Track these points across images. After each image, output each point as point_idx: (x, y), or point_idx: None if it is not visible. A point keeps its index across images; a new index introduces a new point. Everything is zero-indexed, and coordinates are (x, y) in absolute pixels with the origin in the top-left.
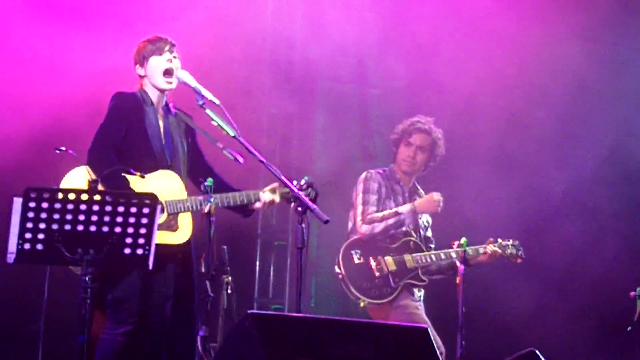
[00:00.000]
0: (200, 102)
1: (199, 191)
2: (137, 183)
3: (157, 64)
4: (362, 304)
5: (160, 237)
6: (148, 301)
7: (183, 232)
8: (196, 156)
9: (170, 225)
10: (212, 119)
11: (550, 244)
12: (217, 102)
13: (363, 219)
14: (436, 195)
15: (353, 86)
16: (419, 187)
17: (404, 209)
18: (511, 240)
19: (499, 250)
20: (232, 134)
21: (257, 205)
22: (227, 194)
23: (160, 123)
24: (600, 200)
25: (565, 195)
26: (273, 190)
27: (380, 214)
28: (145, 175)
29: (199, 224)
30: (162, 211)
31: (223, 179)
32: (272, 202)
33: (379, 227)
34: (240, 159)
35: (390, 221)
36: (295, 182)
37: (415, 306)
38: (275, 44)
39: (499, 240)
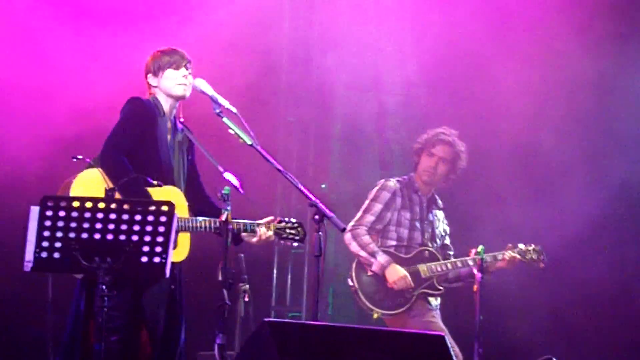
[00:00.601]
0: (218, 111)
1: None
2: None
3: (172, 76)
4: (375, 316)
5: None
6: (143, 310)
7: (181, 251)
8: (193, 175)
9: None
10: (230, 127)
11: (570, 254)
12: (234, 110)
13: (353, 227)
14: (402, 281)
15: (370, 94)
16: (438, 198)
17: (381, 258)
18: (532, 245)
19: (518, 257)
20: (249, 142)
21: (253, 240)
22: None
23: (169, 137)
24: (624, 216)
25: (590, 210)
26: (267, 225)
27: (366, 240)
28: (159, 187)
29: (194, 245)
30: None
31: (214, 204)
32: (267, 237)
33: (353, 247)
34: (236, 182)
35: (363, 254)
36: (286, 219)
37: (432, 315)
38: (292, 52)
39: (520, 245)
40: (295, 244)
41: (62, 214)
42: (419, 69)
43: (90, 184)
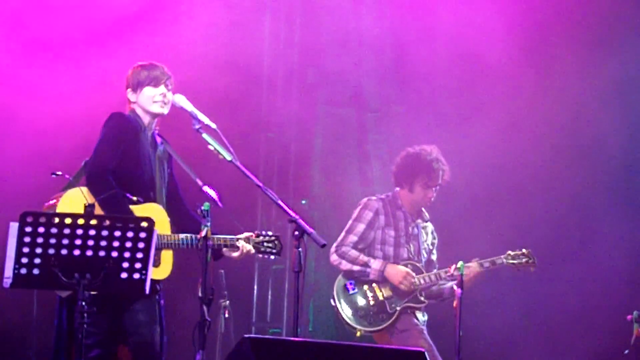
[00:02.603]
0: (197, 127)
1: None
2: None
3: (151, 94)
4: (358, 334)
5: None
6: (124, 327)
7: (164, 269)
8: (173, 189)
9: (154, 260)
10: (209, 143)
11: (551, 270)
12: (213, 126)
13: (337, 247)
14: (408, 277)
15: (351, 110)
16: (424, 211)
17: (375, 264)
18: (523, 249)
19: (478, 269)
20: (228, 158)
21: (235, 254)
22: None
23: (151, 151)
24: (602, 226)
25: (569, 221)
26: (247, 240)
27: (354, 254)
28: (139, 202)
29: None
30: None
31: (195, 217)
32: (248, 251)
33: (345, 265)
34: (215, 196)
35: (356, 268)
36: (264, 232)
37: (420, 330)
38: (273, 68)
39: (509, 251)
40: (272, 257)
41: (41, 230)
42: (399, 85)
43: (74, 204)
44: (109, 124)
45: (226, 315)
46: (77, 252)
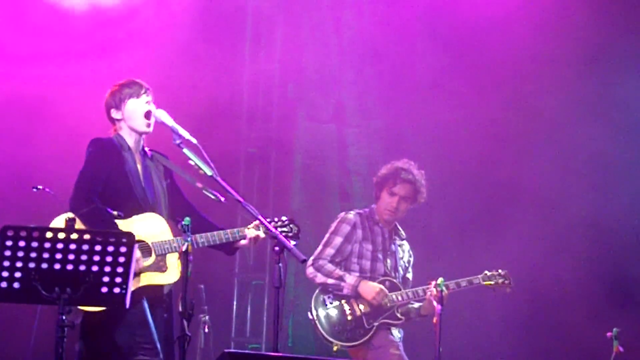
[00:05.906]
0: (178, 142)
1: (180, 230)
2: (123, 226)
3: (135, 106)
4: (335, 348)
5: (151, 278)
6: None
7: (172, 273)
8: (176, 196)
9: (160, 266)
10: (190, 159)
11: (530, 286)
12: (194, 141)
13: (314, 260)
14: (381, 293)
15: (331, 126)
16: (400, 229)
17: (350, 280)
18: (500, 270)
19: (446, 291)
20: (209, 173)
21: (243, 242)
22: (212, 233)
23: (139, 167)
24: (583, 243)
25: (549, 238)
26: (257, 227)
27: (330, 268)
28: (129, 218)
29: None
30: (150, 253)
31: (206, 217)
32: (256, 237)
33: (320, 279)
34: (222, 198)
35: (330, 281)
36: (276, 219)
37: (395, 346)
38: (254, 84)
39: (485, 271)
40: (292, 242)
41: (22, 244)
42: (379, 101)
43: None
44: (88, 150)
45: (206, 330)
46: (57, 266)
